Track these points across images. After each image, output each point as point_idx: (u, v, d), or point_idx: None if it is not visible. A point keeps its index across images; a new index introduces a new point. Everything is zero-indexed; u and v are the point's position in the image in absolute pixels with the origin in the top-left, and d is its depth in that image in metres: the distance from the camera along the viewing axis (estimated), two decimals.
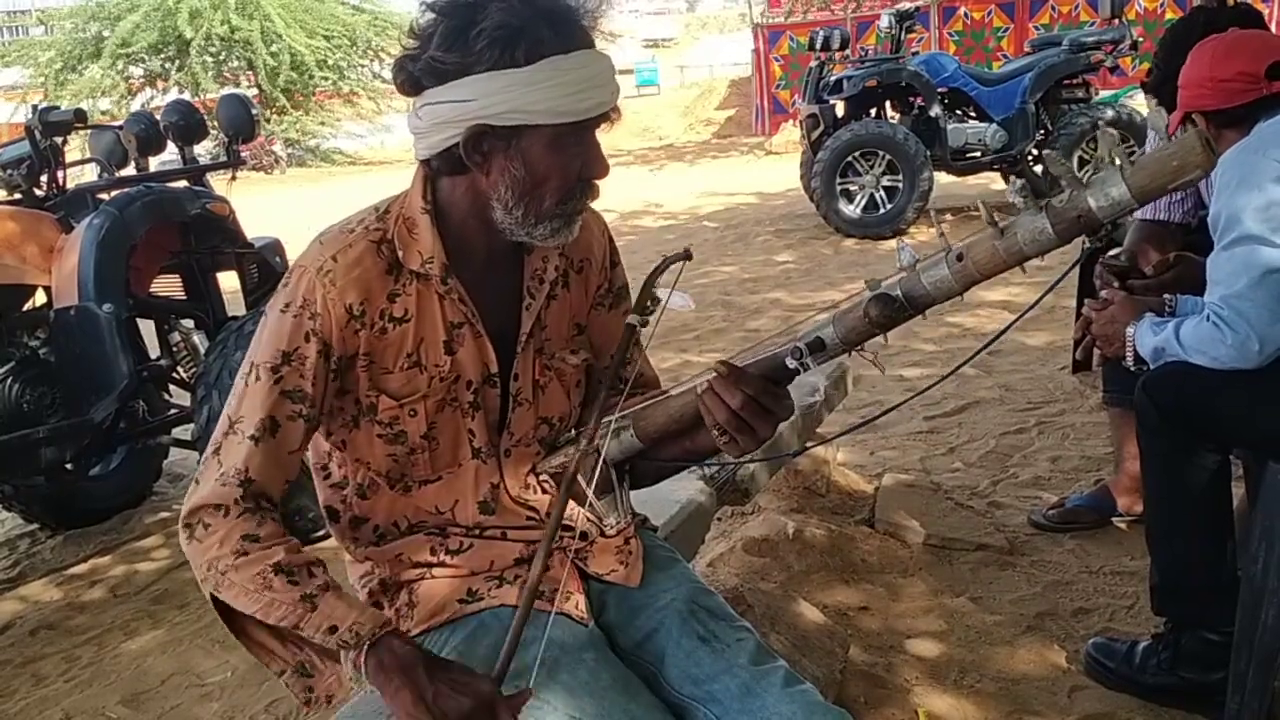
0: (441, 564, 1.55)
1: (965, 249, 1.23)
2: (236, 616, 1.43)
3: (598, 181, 1.42)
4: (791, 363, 1.35)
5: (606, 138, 1.43)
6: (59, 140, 3.94)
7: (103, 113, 22.01)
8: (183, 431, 4.21)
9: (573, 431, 1.63)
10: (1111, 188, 1.12)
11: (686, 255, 1.56)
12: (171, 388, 4.44)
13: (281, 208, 12.95)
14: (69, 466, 3.85)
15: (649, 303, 1.57)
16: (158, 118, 4.24)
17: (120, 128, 4.21)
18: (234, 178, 4.48)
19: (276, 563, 1.36)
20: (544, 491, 1.60)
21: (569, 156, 1.37)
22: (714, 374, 1.37)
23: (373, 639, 1.35)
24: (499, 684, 1.33)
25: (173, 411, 4.32)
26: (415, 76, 1.36)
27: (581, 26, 1.34)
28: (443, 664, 1.38)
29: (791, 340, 1.36)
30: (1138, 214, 3.03)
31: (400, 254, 1.44)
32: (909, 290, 1.27)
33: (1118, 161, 1.12)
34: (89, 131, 4.41)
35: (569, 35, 1.32)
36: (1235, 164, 2.14)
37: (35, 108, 3.89)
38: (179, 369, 4.24)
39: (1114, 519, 3.20)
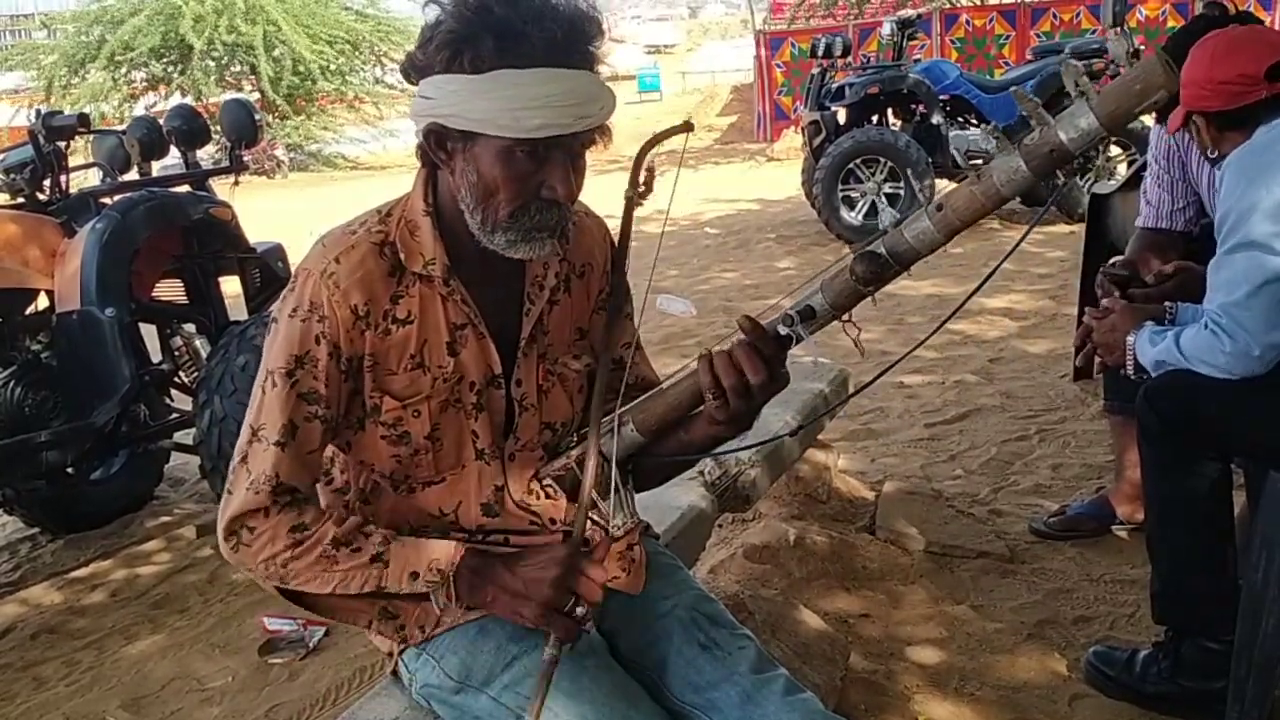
0: None
1: (944, 199, 1.24)
2: (299, 596, 1.48)
3: (562, 201, 1.38)
4: (784, 329, 1.35)
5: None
6: (62, 144, 3.94)
7: (104, 116, 22.04)
8: (184, 436, 4.20)
9: (574, 436, 1.63)
10: (1080, 118, 1.13)
11: (688, 127, 1.58)
12: (173, 392, 4.43)
13: (284, 212, 12.95)
14: (70, 470, 3.85)
15: (642, 178, 1.57)
16: (160, 122, 4.24)
17: (123, 132, 4.22)
18: (236, 182, 4.49)
19: (334, 539, 1.41)
20: (547, 496, 1.60)
21: (521, 171, 1.34)
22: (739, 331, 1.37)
23: (454, 569, 1.41)
24: (580, 544, 1.42)
25: (174, 416, 4.32)
26: (406, 69, 1.39)
27: (550, 44, 1.29)
28: (516, 556, 1.45)
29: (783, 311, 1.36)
30: (1138, 221, 3.03)
31: (402, 256, 1.45)
32: (893, 246, 1.27)
33: (1084, 93, 1.13)
34: (92, 136, 4.42)
35: (523, 51, 1.28)
36: (1243, 164, 2.13)
37: (39, 112, 3.89)
38: (181, 373, 4.24)
39: (1115, 527, 3.20)
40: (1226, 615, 2.20)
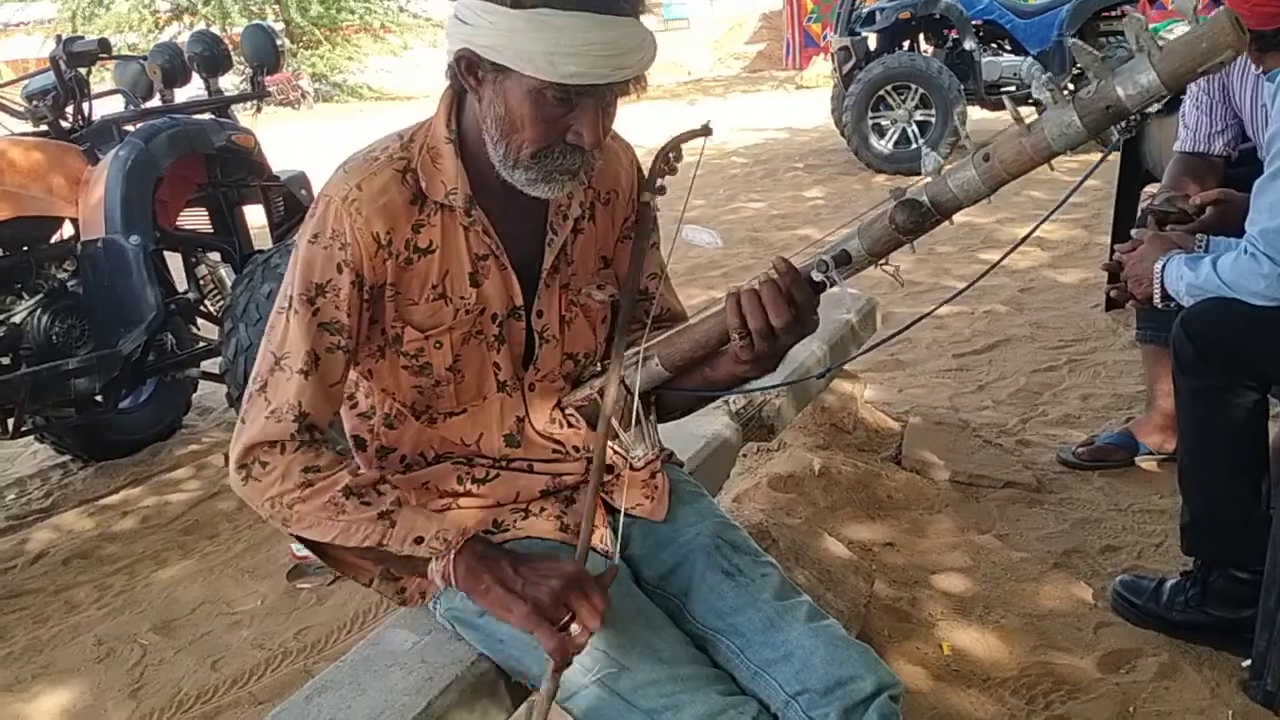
0: (468, 494, 1.55)
1: (992, 149, 1.19)
2: (308, 541, 1.45)
3: (587, 147, 1.34)
4: (818, 275, 1.32)
5: None
6: (84, 71, 3.91)
7: (130, 47, 21.99)
8: (211, 365, 4.22)
9: (598, 365, 1.61)
10: (1140, 74, 1.08)
11: (706, 131, 1.54)
12: (200, 321, 4.45)
13: (308, 142, 12.93)
14: (99, 398, 3.87)
15: (661, 177, 1.55)
16: (182, 48, 4.20)
17: (145, 59, 4.18)
18: (259, 109, 4.46)
19: (345, 487, 1.38)
20: (570, 425, 1.59)
21: (550, 113, 1.30)
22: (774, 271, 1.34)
23: (458, 546, 1.39)
24: (583, 568, 1.38)
25: (201, 345, 4.33)
26: None
27: None
28: (525, 556, 1.42)
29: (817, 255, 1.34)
30: (1176, 146, 2.96)
31: (424, 184, 1.42)
32: (935, 195, 1.23)
33: (1145, 49, 1.08)
34: (114, 62, 4.38)
35: None
36: None
37: (59, 38, 3.86)
38: (206, 302, 4.24)
39: (1144, 457, 3.17)
40: (1257, 545, 2.18)
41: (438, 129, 1.44)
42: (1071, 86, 8.73)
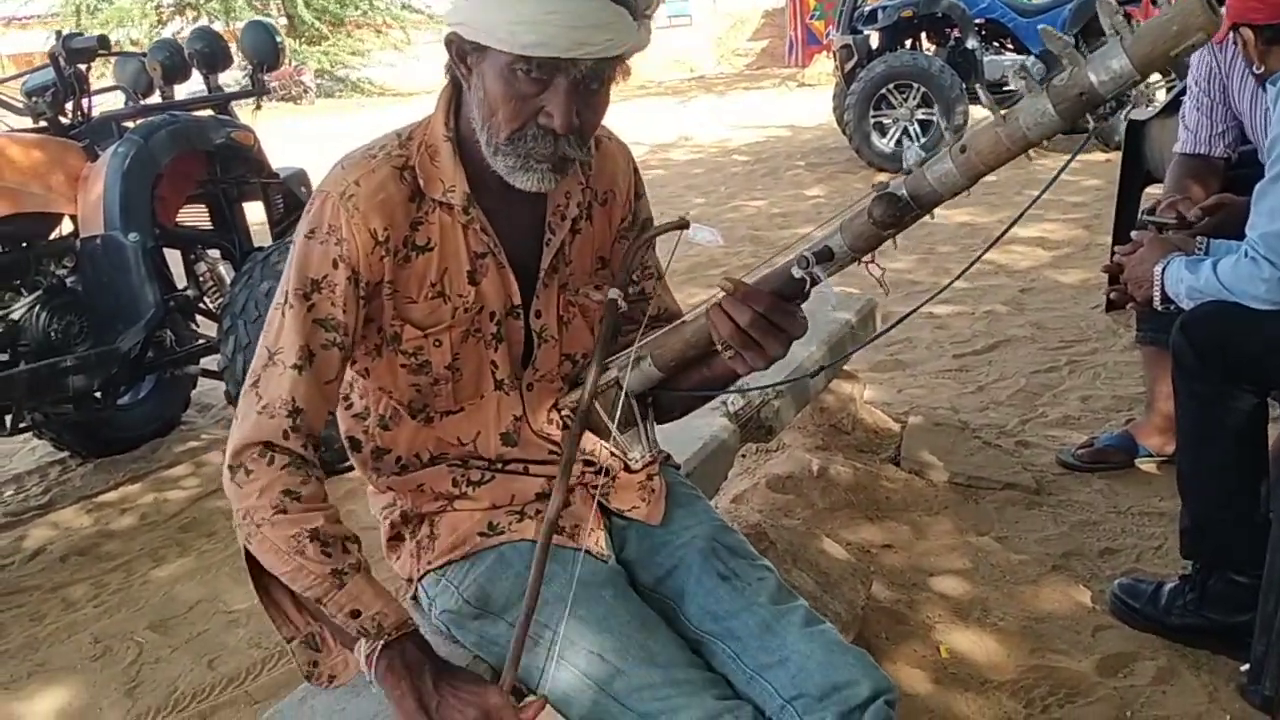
0: (463, 496, 1.55)
1: (968, 140, 1.19)
2: (259, 572, 1.43)
3: (559, 131, 1.31)
4: (798, 272, 1.30)
5: (635, 71, 1.36)
6: (83, 67, 3.90)
7: (133, 42, 21.99)
8: (210, 362, 4.22)
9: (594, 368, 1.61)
10: (1112, 60, 1.07)
11: (683, 224, 1.53)
12: (199, 318, 4.44)
13: (310, 137, 12.91)
14: (98, 395, 3.87)
15: (634, 277, 1.55)
16: (182, 45, 4.19)
17: (144, 55, 4.17)
18: (259, 106, 4.45)
19: (314, 529, 1.34)
20: (566, 426, 1.59)
21: (521, 92, 1.29)
22: (723, 292, 1.34)
23: (390, 636, 1.36)
24: (510, 688, 1.34)
25: (200, 341, 4.33)
26: None
27: None
28: (452, 672, 1.38)
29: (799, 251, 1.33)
30: (1176, 148, 2.95)
31: (422, 182, 1.42)
32: (914, 188, 1.22)
33: (1118, 33, 1.08)
34: (114, 59, 4.38)
35: None
36: None
37: (59, 34, 3.85)
38: (205, 299, 4.24)
39: (1143, 459, 3.16)
40: (1256, 549, 2.17)
41: (436, 127, 1.44)
42: None
